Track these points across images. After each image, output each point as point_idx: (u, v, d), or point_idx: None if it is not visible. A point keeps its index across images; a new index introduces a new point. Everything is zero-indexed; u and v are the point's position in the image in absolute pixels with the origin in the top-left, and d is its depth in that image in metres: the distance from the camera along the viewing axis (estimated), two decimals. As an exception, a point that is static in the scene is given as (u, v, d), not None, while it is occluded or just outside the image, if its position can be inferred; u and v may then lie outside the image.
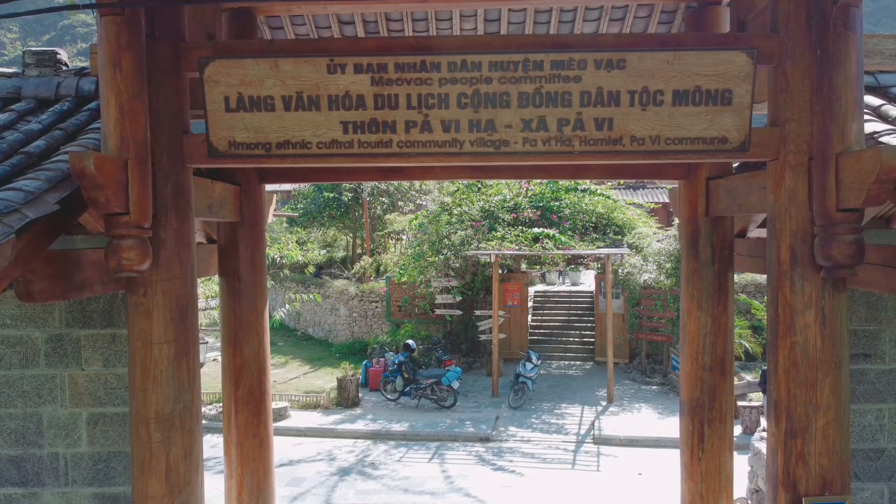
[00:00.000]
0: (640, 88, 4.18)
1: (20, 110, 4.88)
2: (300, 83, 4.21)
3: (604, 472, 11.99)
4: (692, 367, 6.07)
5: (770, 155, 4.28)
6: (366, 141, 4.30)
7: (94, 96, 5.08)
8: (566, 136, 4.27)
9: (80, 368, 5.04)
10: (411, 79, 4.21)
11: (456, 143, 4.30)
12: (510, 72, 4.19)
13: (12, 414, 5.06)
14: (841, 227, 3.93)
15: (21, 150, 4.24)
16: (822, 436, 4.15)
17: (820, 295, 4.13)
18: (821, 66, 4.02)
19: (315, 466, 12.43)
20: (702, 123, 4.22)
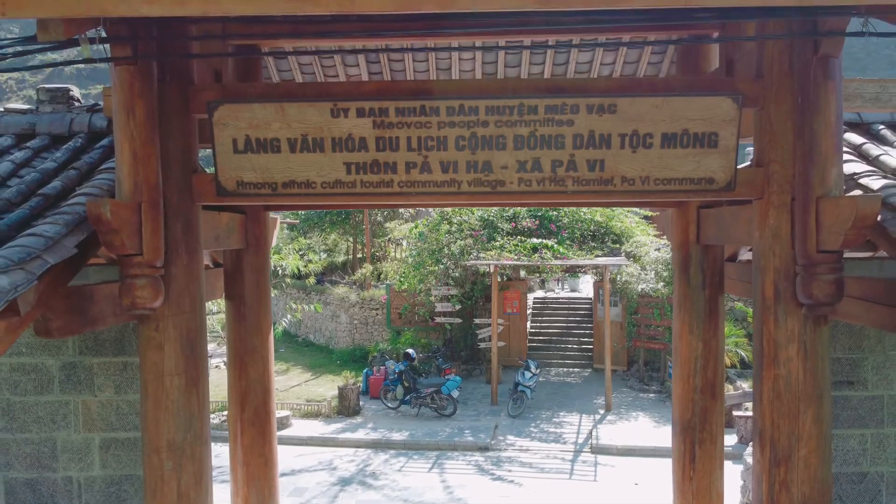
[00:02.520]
0: (631, 131, 4.37)
1: (35, 147, 5.07)
2: (305, 126, 4.40)
3: (601, 481, 12.18)
4: (683, 388, 6.26)
5: (755, 194, 4.47)
6: (368, 181, 4.50)
7: (105, 132, 5.27)
8: (560, 176, 4.46)
9: (93, 395, 5.23)
10: (411, 122, 4.40)
11: (454, 182, 4.50)
12: (506, 116, 4.37)
13: (28, 439, 5.25)
14: (821, 267, 4.12)
15: (39, 191, 4.43)
16: (805, 464, 4.34)
17: (802, 330, 4.32)
18: (802, 112, 4.21)
19: (316, 476, 12.62)
20: (689, 165, 4.41)
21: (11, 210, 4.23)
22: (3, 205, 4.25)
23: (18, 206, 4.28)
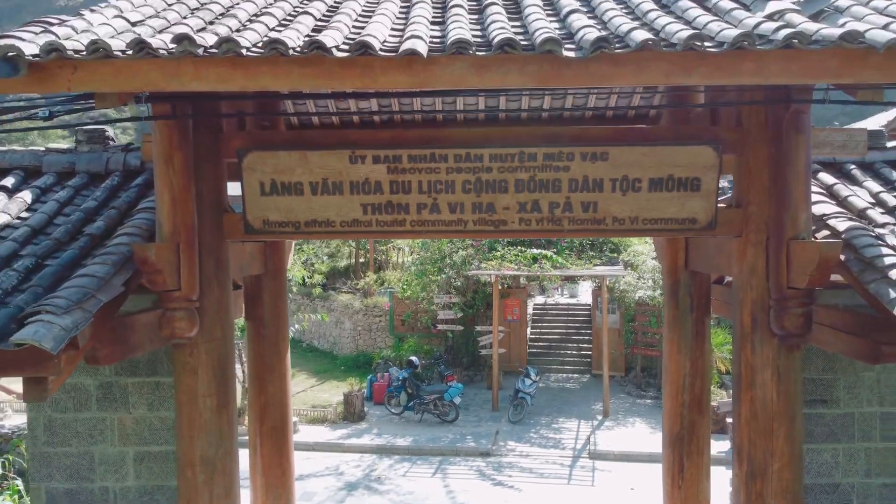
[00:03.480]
0: (621, 177, 4.82)
1: (75, 185, 5.52)
2: (326, 171, 4.85)
3: (598, 486, 12.63)
4: (673, 404, 6.72)
5: (735, 232, 4.92)
6: (382, 220, 4.95)
7: (139, 170, 5.72)
8: (557, 216, 4.91)
9: (128, 412, 5.68)
10: (422, 168, 4.85)
11: (461, 222, 4.95)
12: (508, 162, 4.82)
13: (67, 452, 5.70)
14: (791, 301, 4.58)
15: (84, 229, 4.88)
16: (778, 478, 4.79)
17: (776, 356, 4.77)
18: (776, 161, 4.67)
19: (324, 481, 13.07)
20: (674, 206, 4.86)
21: (61, 249, 4.68)
22: (53, 244, 4.70)
23: (67, 245, 4.74)
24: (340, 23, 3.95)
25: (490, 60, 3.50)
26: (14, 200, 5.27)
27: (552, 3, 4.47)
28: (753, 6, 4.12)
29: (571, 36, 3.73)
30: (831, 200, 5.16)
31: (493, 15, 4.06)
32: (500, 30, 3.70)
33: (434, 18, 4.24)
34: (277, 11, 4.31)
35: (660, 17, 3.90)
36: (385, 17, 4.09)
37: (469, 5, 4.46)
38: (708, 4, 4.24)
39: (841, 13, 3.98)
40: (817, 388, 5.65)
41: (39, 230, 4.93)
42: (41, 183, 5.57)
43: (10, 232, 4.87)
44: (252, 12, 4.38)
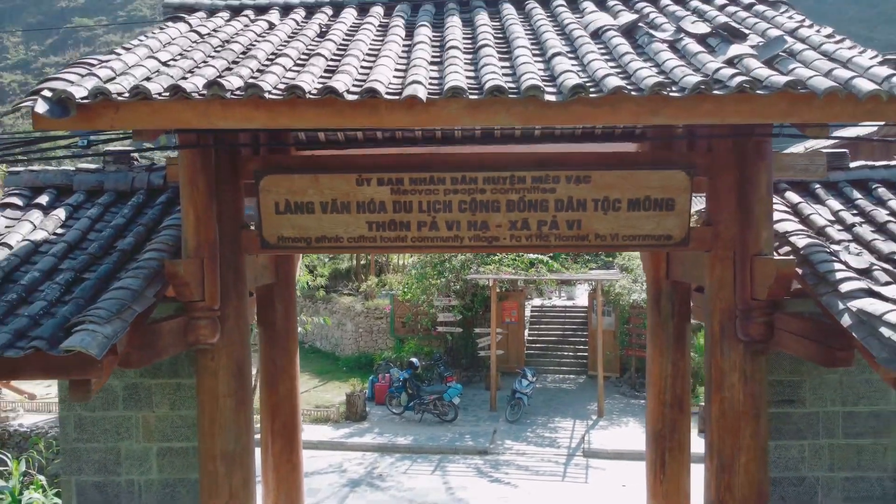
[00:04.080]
0: (602, 197, 5.32)
1: (104, 203, 6.02)
2: (335, 192, 5.35)
3: (591, 483, 13.13)
4: (655, 404, 7.23)
5: (706, 248, 5.42)
6: (386, 236, 5.45)
7: (162, 188, 6.21)
8: (544, 233, 5.41)
9: (151, 411, 6.17)
10: (422, 189, 5.34)
11: (457, 238, 5.44)
12: (500, 185, 5.32)
13: (96, 447, 6.19)
14: (755, 311, 5.08)
15: (115, 244, 5.38)
16: (745, 471, 5.30)
17: (742, 361, 5.27)
18: (741, 185, 5.16)
19: (327, 478, 13.57)
20: (651, 224, 5.36)
21: (96, 263, 5.19)
22: (89, 259, 5.20)
23: (101, 259, 5.24)
24: (349, 65, 4.44)
25: (481, 103, 4.01)
26: (50, 217, 5.77)
27: (539, 43, 4.97)
28: (717, 49, 4.63)
29: (554, 79, 4.23)
30: (795, 218, 5.65)
31: (486, 58, 4.55)
32: (490, 74, 4.21)
33: (433, 58, 4.74)
34: (292, 51, 4.81)
35: (633, 60, 4.40)
36: (389, 59, 4.59)
37: (464, 45, 4.96)
38: (678, 46, 4.74)
39: (794, 57, 4.49)
40: (785, 389, 6.13)
41: (75, 245, 5.43)
42: (73, 201, 6.07)
43: (49, 247, 5.37)
44: (269, 51, 4.88)
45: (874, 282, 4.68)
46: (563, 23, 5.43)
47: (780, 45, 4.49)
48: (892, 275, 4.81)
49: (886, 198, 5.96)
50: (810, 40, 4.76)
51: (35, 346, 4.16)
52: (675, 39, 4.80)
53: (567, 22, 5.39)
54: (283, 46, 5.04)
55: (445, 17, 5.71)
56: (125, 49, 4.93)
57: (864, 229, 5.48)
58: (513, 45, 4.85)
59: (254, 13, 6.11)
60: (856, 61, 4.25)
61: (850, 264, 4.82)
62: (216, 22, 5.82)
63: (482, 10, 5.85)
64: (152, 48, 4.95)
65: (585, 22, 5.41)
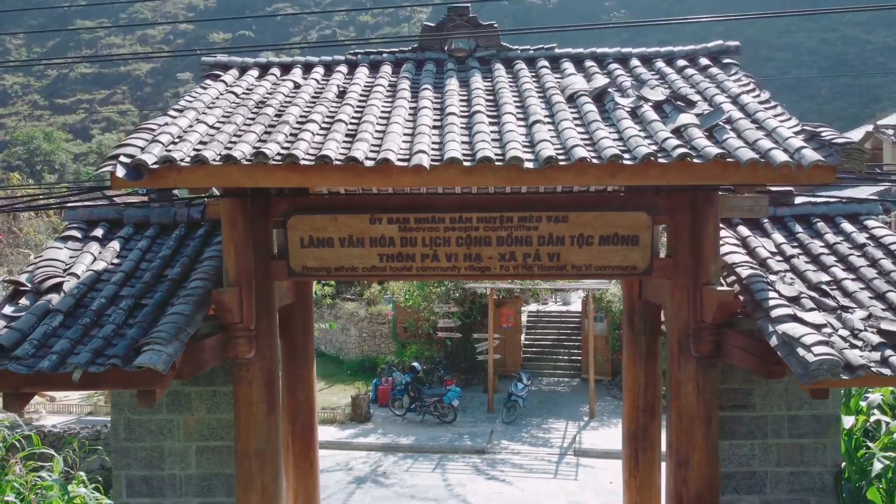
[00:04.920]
0: (578, 234, 6.27)
1: (151, 236, 6.98)
2: (351, 230, 6.31)
3: (580, 480, 14.10)
4: (630, 408, 8.19)
5: (667, 276, 6.38)
6: (394, 266, 6.41)
7: (199, 222, 7.16)
8: (528, 264, 6.37)
9: (191, 414, 7.13)
10: (425, 227, 6.30)
11: (455, 268, 6.40)
12: (491, 223, 6.27)
13: (143, 446, 7.16)
14: (705, 332, 6.05)
15: (165, 274, 6.35)
16: (698, 466, 6.25)
17: (696, 373, 6.23)
18: (693, 225, 6.12)
19: (335, 476, 14.53)
20: (619, 257, 6.32)
21: (150, 291, 6.15)
22: (144, 287, 6.16)
23: (154, 287, 6.20)
24: (366, 132, 5.41)
25: (473, 170, 4.98)
26: (107, 249, 6.74)
27: (524, 108, 5.94)
28: (670, 116, 5.60)
29: (533, 146, 5.20)
30: (742, 250, 6.62)
31: (478, 125, 5.52)
32: (481, 142, 5.18)
33: (434, 122, 5.71)
34: (317, 116, 5.78)
35: (598, 129, 5.36)
36: (398, 125, 5.56)
37: (461, 109, 5.93)
38: (638, 112, 5.71)
39: (732, 124, 5.46)
40: (738, 395, 7.10)
41: (131, 274, 6.40)
42: (123, 233, 7.03)
43: (109, 276, 6.34)
44: (298, 115, 5.85)
45: (801, 308, 5.65)
46: (545, 86, 6.40)
47: (719, 115, 5.45)
48: (817, 301, 5.79)
49: (823, 231, 6.93)
50: (748, 107, 5.73)
51: (113, 363, 5.13)
52: (636, 106, 5.77)
53: (548, 86, 6.36)
54: (309, 109, 6.02)
55: (445, 77, 6.68)
56: (177, 111, 5.90)
57: (800, 260, 6.45)
58: (501, 111, 5.83)
59: (280, 71, 7.10)
60: (778, 131, 5.21)
61: (782, 293, 5.79)
62: (248, 80, 6.80)
63: (476, 70, 6.82)
64: (199, 110, 5.93)
65: (564, 85, 6.38)
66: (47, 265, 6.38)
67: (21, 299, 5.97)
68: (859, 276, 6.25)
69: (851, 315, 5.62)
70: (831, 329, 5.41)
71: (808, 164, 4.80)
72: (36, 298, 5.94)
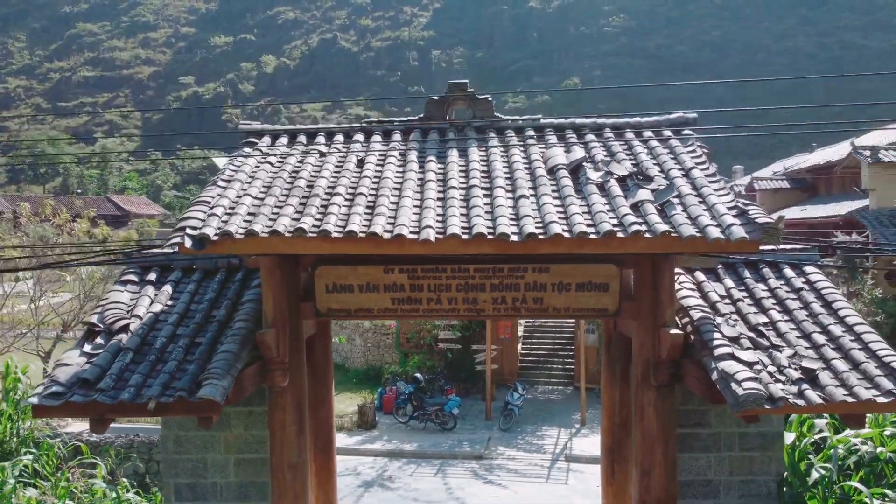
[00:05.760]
0: (558, 282, 7.50)
1: (197, 280, 8.22)
2: (368, 278, 7.54)
3: (570, 484, 15.34)
4: (607, 424, 9.42)
5: (633, 318, 7.60)
6: (404, 308, 7.64)
7: (238, 267, 8.38)
8: (516, 306, 7.59)
9: (230, 431, 8.36)
10: (430, 276, 7.52)
11: (455, 310, 7.64)
12: (486, 273, 7.50)
13: (189, 458, 8.39)
14: (662, 365, 7.28)
15: (212, 315, 7.58)
16: (658, 477, 7.49)
17: (656, 399, 7.46)
18: (653, 275, 7.35)
19: (345, 480, 15.75)
20: (592, 300, 7.54)
21: (201, 330, 7.39)
22: (196, 328, 7.40)
23: (204, 327, 7.44)
24: (383, 206, 6.66)
25: (470, 242, 6.23)
26: (161, 292, 7.98)
27: (512, 180, 7.18)
28: (631, 191, 6.84)
29: (518, 220, 6.44)
30: (697, 294, 7.85)
31: (474, 198, 6.77)
32: (476, 217, 6.42)
33: (438, 195, 6.94)
34: (342, 189, 7.02)
35: (572, 204, 6.61)
36: (408, 199, 6.80)
37: (460, 182, 7.16)
38: (605, 186, 6.95)
39: (681, 198, 6.69)
40: (696, 415, 8.32)
41: (183, 315, 7.64)
42: (173, 277, 8.27)
43: (166, 317, 7.58)
44: (325, 186, 7.09)
45: (739, 347, 6.89)
46: (531, 157, 7.65)
47: (670, 192, 6.69)
48: (753, 341, 7.03)
49: (768, 276, 8.17)
50: (696, 182, 6.97)
51: (181, 395, 6.37)
52: (605, 181, 7.02)
53: (533, 157, 7.61)
54: (335, 180, 7.26)
55: (447, 147, 7.92)
56: (225, 181, 7.15)
57: (744, 303, 7.69)
58: (493, 184, 7.08)
59: (306, 138, 8.34)
60: (716, 207, 6.46)
61: (725, 333, 7.03)
62: (280, 148, 8.04)
63: (473, 141, 8.06)
64: (242, 181, 7.17)
65: (546, 157, 7.63)
66: (114, 307, 7.63)
67: (96, 339, 7.21)
68: (792, 318, 7.50)
69: (780, 353, 6.87)
70: (762, 366, 6.65)
71: (735, 239, 6.05)
72: (108, 338, 7.19)
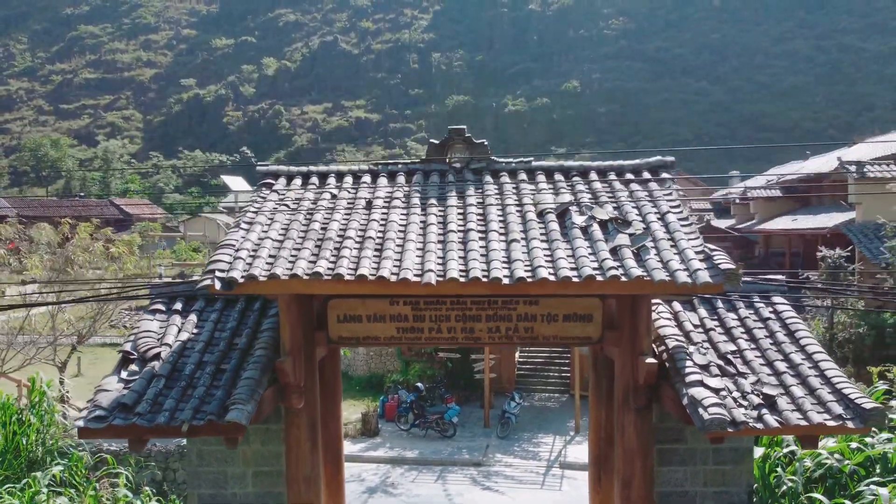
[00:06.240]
0: (547, 313, 8.32)
1: (219, 309, 9.03)
2: (375, 309, 8.35)
3: (564, 490, 16.15)
4: (594, 437, 10.23)
5: (615, 345, 8.41)
6: (408, 336, 8.46)
7: (256, 296, 9.20)
8: (510, 335, 8.41)
9: (248, 446, 9.17)
10: (432, 308, 8.34)
11: (454, 338, 8.45)
12: (482, 305, 8.31)
13: (210, 470, 9.20)
14: (639, 390, 8.09)
15: (234, 342, 8.40)
16: (637, 488, 8.30)
17: (635, 419, 8.27)
18: (632, 307, 8.16)
19: (350, 486, 16.52)
20: (578, 330, 8.36)
21: (225, 358, 8.20)
22: (220, 355, 8.21)
23: (227, 354, 8.25)
24: (389, 249, 7.48)
25: (467, 284, 7.05)
26: (188, 321, 8.79)
27: (505, 224, 7.99)
28: (610, 234, 7.66)
29: (510, 263, 7.25)
30: (673, 323, 8.67)
31: (471, 242, 7.60)
32: (472, 261, 7.24)
33: (438, 238, 7.76)
34: (352, 232, 7.84)
35: (558, 248, 7.43)
36: (412, 243, 7.62)
37: (458, 227, 7.98)
38: (588, 230, 7.77)
39: (656, 243, 7.51)
40: (674, 432, 9.13)
41: (208, 343, 8.45)
42: (197, 307, 9.08)
43: (193, 345, 8.39)
44: (338, 230, 7.91)
45: (708, 374, 7.71)
46: (523, 199, 8.47)
47: (646, 237, 7.51)
48: (721, 368, 7.85)
49: (738, 306, 8.98)
50: (670, 226, 7.79)
51: (210, 419, 7.18)
52: (588, 225, 7.83)
53: (525, 200, 8.42)
54: (346, 222, 8.08)
55: (447, 191, 8.73)
56: (248, 223, 7.97)
57: (715, 332, 8.50)
58: (488, 227, 7.91)
59: (318, 180, 9.16)
60: (686, 252, 7.27)
61: (697, 361, 7.85)
62: (295, 190, 8.86)
63: (470, 183, 8.88)
64: (262, 224, 7.99)
65: (536, 200, 8.44)
66: (146, 336, 8.45)
67: (131, 366, 8.03)
68: (758, 346, 8.31)
69: (745, 380, 7.69)
70: (727, 392, 7.48)
71: (700, 283, 6.87)
72: (142, 365, 8.00)
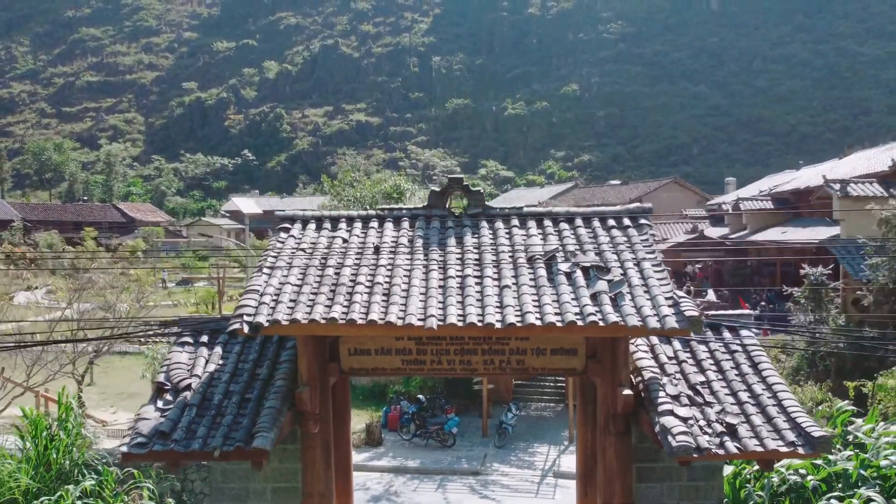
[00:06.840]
0: (536, 348, 9.31)
1: (241, 341, 10.02)
2: (383, 343, 9.35)
3: (557, 499, 17.14)
4: (581, 455, 11.22)
5: (597, 376, 9.41)
6: (412, 367, 9.46)
7: (273, 329, 10.18)
8: (503, 367, 9.41)
9: (268, 464, 10.14)
10: (433, 343, 9.33)
11: (452, 369, 9.46)
12: (478, 341, 9.29)
13: (233, 486, 10.19)
14: (618, 417, 9.08)
15: (256, 373, 9.39)
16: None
17: (615, 443, 9.26)
18: (612, 343, 9.14)
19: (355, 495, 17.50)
20: (564, 362, 9.36)
21: (248, 388, 9.19)
22: (244, 386, 9.20)
23: (250, 385, 9.24)
24: (396, 295, 8.47)
25: (464, 327, 8.04)
26: (214, 353, 9.78)
27: (499, 269, 8.99)
28: (591, 280, 8.65)
29: (502, 308, 8.25)
30: (650, 355, 9.66)
31: (468, 287, 8.59)
32: (469, 306, 8.23)
33: (439, 282, 8.76)
34: (362, 278, 8.83)
35: (545, 294, 8.42)
36: (416, 289, 8.61)
37: (456, 272, 8.97)
38: (573, 276, 8.76)
39: (631, 289, 8.49)
40: (652, 452, 10.11)
41: (233, 373, 9.44)
42: (221, 339, 10.07)
43: (219, 376, 9.38)
44: (349, 275, 8.91)
45: (678, 404, 8.70)
46: (515, 243, 9.47)
47: (622, 284, 8.50)
48: (690, 398, 8.84)
49: (709, 338, 9.97)
50: (645, 272, 8.78)
51: (238, 446, 8.17)
52: (572, 271, 8.83)
53: (517, 246, 9.42)
54: (356, 268, 9.07)
55: (447, 235, 9.73)
56: (269, 268, 8.97)
57: (687, 363, 9.50)
58: (483, 273, 8.90)
59: (330, 224, 10.16)
60: (657, 299, 8.26)
61: (668, 392, 8.84)
62: (310, 234, 9.86)
63: (468, 228, 9.88)
64: (282, 269, 8.99)
65: (527, 245, 9.43)
66: (177, 367, 9.44)
67: (165, 395, 9.02)
68: (724, 377, 9.30)
69: (710, 409, 8.67)
70: (694, 420, 8.46)
71: (668, 328, 7.86)
72: (176, 395, 9.00)
